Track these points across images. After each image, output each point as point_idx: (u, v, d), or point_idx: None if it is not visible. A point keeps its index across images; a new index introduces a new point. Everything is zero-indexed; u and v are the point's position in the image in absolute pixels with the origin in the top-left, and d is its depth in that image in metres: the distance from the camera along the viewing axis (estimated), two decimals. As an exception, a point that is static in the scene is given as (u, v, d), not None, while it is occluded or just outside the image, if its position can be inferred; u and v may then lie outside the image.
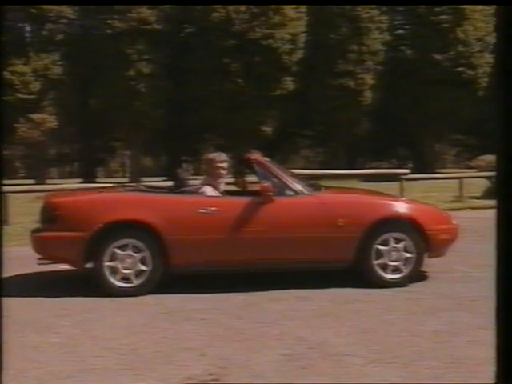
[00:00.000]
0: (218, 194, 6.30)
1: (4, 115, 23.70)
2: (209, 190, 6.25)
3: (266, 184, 6.05)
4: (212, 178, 6.43)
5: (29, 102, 36.11)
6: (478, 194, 16.10)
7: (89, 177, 40.45)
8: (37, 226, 6.45)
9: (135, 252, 5.93)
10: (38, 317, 5.23)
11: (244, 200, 6.11)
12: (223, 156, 6.60)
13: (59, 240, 6.02)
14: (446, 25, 38.15)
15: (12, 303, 5.47)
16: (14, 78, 35.24)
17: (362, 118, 39.39)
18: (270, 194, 6.02)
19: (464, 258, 7.39)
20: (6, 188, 12.88)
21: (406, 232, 6.14)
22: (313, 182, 7.56)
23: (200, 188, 6.33)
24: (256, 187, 6.41)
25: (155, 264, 5.94)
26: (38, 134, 35.73)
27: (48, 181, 37.36)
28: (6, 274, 6.48)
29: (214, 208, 5.97)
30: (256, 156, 6.41)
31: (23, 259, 7.33)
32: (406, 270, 6.16)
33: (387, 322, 4.87)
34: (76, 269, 6.31)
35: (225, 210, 6.01)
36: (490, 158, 19.85)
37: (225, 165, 6.51)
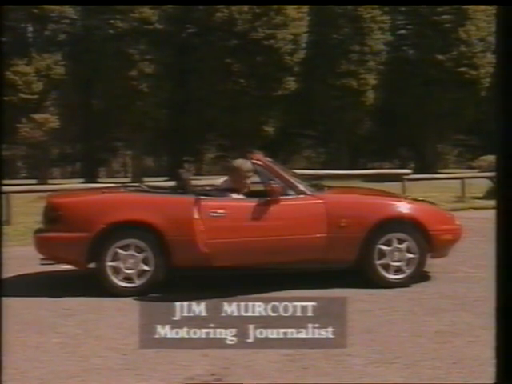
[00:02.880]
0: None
1: (4, 115, 23.69)
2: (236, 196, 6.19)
3: (276, 185, 6.01)
4: (237, 186, 6.26)
5: (31, 102, 36.13)
6: (479, 195, 16.08)
7: (91, 177, 40.44)
8: (39, 226, 6.46)
9: (137, 252, 5.94)
10: (40, 317, 5.23)
11: (250, 201, 6.04)
12: (249, 164, 6.28)
13: (62, 240, 6.02)
14: (448, 25, 38.12)
15: (14, 303, 5.48)
16: (16, 78, 35.26)
17: (364, 118, 39.37)
18: (279, 195, 5.98)
19: (466, 259, 7.39)
20: (8, 188, 12.89)
21: (408, 232, 6.13)
22: (315, 182, 7.55)
23: (227, 192, 6.22)
24: (260, 188, 6.37)
25: (157, 264, 5.94)
26: (40, 133, 35.73)
27: (50, 181, 37.35)
28: (9, 273, 6.51)
29: (221, 210, 5.86)
30: (258, 156, 6.38)
31: (25, 259, 7.34)
32: (408, 271, 6.15)
33: (389, 322, 4.87)
34: (78, 269, 6.31)
35: (230, 211, 5.92)
36: (492, 159, 19.81)
37: (251, 174, 6.27)
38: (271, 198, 5.95)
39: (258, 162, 6.28)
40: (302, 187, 6.20)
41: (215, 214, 5.74)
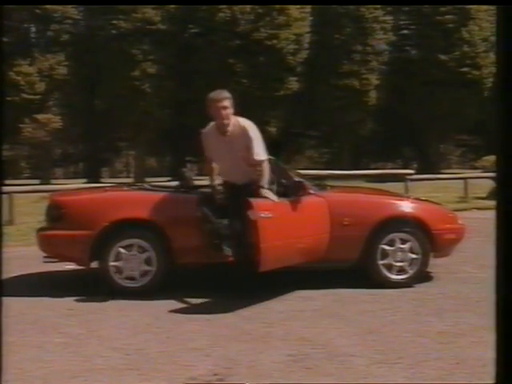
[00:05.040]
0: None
1: (6, 115, 23.68)
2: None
3: (304, 183, 5.96)
4: (216, 121, 5.80)
5: (34, 102, 36.20)
6: (482, 195, 16.06)
7: (93, 177, 40.50)
8: (43, 224, 6.47)
9: (140, 252, 5.93)
10: (42, 316, 5.24)
11: (287, 200, 5.81)
12: (224, 93, 5.76)
13: (65, 238, 6.03)
14: (451, 25, 38.12)
15: (17, 303, 5.50)
16: (19, 78, 35.33)
17: (366, 118, 39.36)
18: (306, 193, 5.94)
19: (469, 259, 7.38)
20: (10, 188, 12.92)
21: (411, 232, 6.12)
22: (318, 182, 7.55)
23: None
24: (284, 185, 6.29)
25: (160, 264, 5.94)
26: (43, 134, 35.79)
27: (53, 181, 37.44)
28: (11, 273, 6.53)
29: (267, 211, 5.50)
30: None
31: (28, 259, 7.36)
32: (411, 271, 6.14)
33: (392, 323, 4.87)
34: (82, 267, 6.32)
35: (275, 212, 5.58)
36: (495, 159, 19.79)
37: (226, 103, 5.70)
38: (299, 196, 5.84)
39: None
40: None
41: (264, 216, 5.38)
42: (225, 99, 5.71)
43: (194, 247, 5.94)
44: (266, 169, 5.71)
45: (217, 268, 6.09)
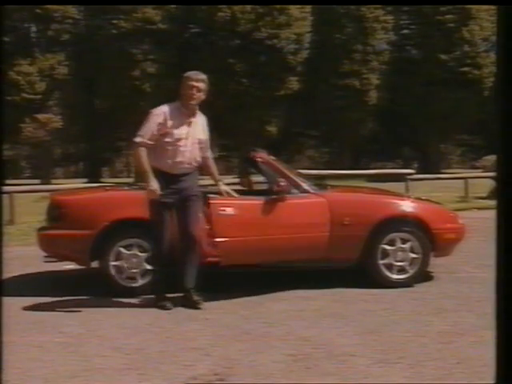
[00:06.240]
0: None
1: (5, 115, 23.69)
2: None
3: (284, 183, 5.98)
4: (183, 100, 5.58)
5: (34, 101, 36.23)
6: (483, 195, 16.06)
7: (94, 176, 40.51)
8: (43, 224, 6.47)
9: (140, 251, 5.93)
10: (43, 316, 5.24)
11: (258, 200, 5.94)
12: (202, 75, 5.57)
13: (65, 238, 6.02)
14: (451, 24, 38.12)
15: (17, 303, 5.50)
16: (19, 78, 35.37)
17: (367, 117, 39.37)
18: (286, 193, 5.95)
19: (469, 259, 7.38)
20: (11, 188, 12.94)
21: (412, 232, 6.12)
22: (318, 182, 7.54)
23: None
24: (266, 186, 6.33)
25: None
26: (43, 133, 35.81)
27: (53, 180, 37.44)
28: (12, 273, 6.54)
29: (230, 209, 5.72)
30: (262, 155, 6.35)
31: (28, 259, 7.37)
32: (411, 271, 6.14)
33: (392, 323, 4.86)
34: (82, 267, 6.32)
35: (239, 210, 5.77)
36: (495, 158, 19.77)
37: (201, 85, 5.53)
38: (278, 197, 5.90)
39: (263, 160, 6.26)
40: (305, 186, 6.18)
41: (224, 213, 5.61)
42: (201, 81, 5.55)
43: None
44: (214, 165, 5.89)
45: (221, 268, 6.08)
